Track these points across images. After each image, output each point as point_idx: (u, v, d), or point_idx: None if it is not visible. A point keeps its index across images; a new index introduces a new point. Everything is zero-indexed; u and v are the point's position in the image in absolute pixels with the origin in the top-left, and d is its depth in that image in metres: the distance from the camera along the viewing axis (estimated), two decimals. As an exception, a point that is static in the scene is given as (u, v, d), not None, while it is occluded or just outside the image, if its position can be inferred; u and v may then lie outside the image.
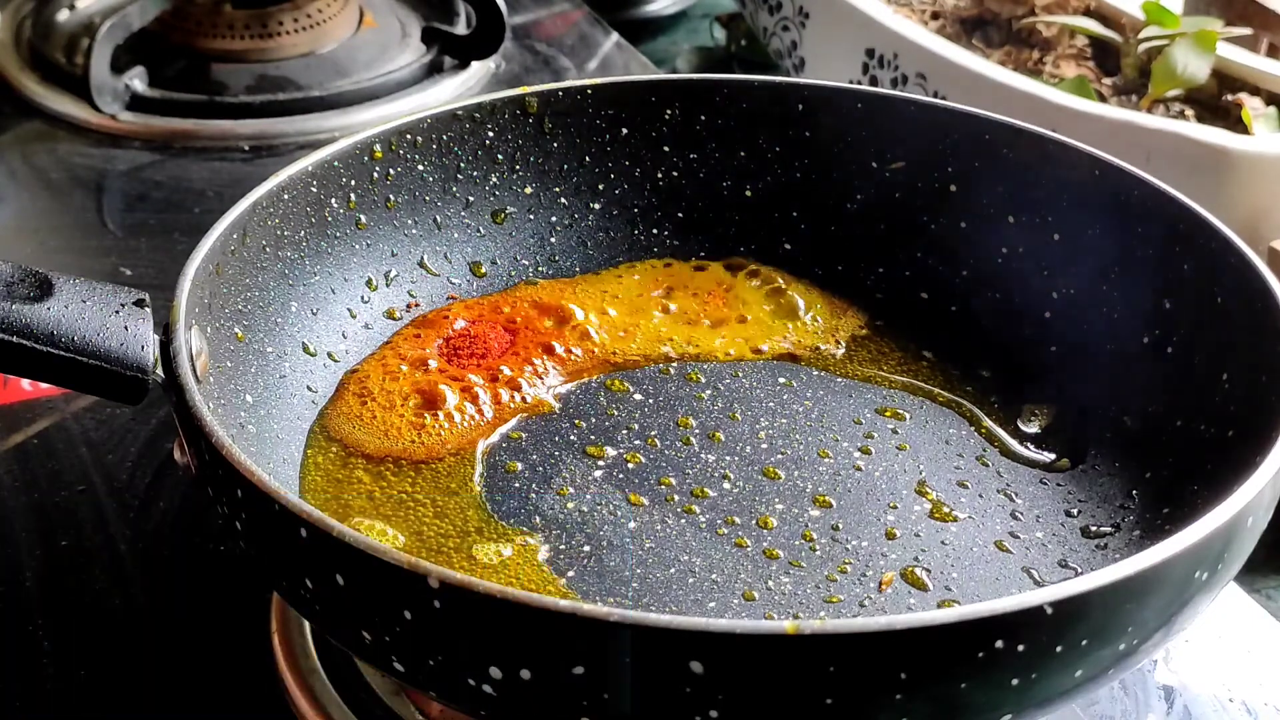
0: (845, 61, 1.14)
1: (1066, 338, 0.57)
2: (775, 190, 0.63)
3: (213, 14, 0.91)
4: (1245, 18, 1.08)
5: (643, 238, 0.63)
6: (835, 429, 0.54)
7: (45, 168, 0.84)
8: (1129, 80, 1.08)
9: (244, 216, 0.51)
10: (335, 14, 0.94)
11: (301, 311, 0.55)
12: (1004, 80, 0.99)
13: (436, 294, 0.59)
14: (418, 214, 0.59)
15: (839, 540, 0.49)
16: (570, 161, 0.62)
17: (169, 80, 0.89)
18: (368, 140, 0.57)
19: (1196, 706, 0.51)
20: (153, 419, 0.63)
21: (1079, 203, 0.57)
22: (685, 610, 0.46)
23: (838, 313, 0.60)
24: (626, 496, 0.51)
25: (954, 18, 1.19)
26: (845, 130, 0.61)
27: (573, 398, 0.56)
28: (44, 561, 0.55)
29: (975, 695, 0.36)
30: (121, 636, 0.53)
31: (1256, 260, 0.49)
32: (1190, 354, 0.52)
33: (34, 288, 0.45)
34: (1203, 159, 0.89)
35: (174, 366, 0.44)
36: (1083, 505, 0.51)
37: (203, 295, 0.48)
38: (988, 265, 0.59)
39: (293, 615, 0.51)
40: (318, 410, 0.54)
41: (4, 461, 0.61)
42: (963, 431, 0.54)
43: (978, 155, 0.59)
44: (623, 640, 0.35)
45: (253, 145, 0.87)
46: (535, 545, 0.48)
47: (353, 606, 0.38)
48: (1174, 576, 0.38)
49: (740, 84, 0.62)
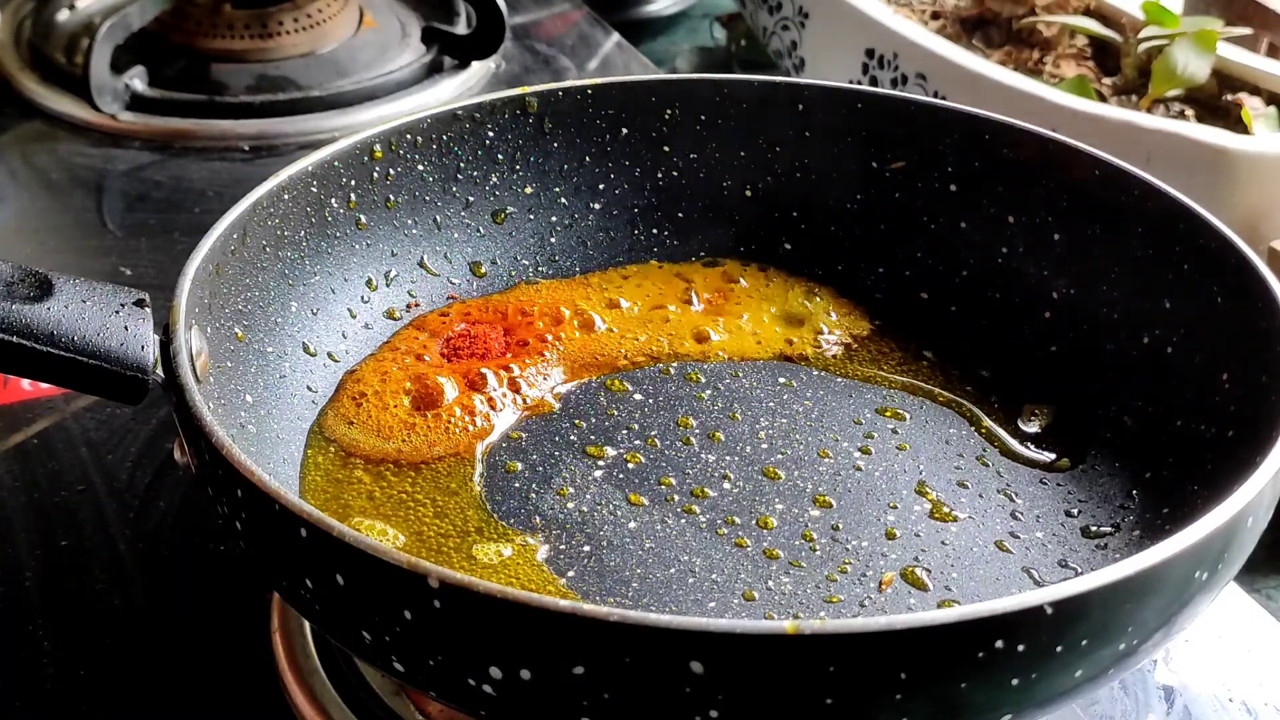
0: (845, 61, 1.14)
1: (1066, 338, 0.57)
2: (775, 190, 0.63)
3: (213, 14, 0.91)
4: (1245, 18, 1.08)
5: (643, 238, 0.63)
6: (835, 429, 0.54)
7: (45, 168, 0.84)
8: (1129, 80, 1.08)
9: (244, 216, 0.51)
10: (335, 14, 0.94)
11: (301, 311, 0.55)
12: (1004, 80, 0.99)
13: (436, 294, 0.59)
14: (418, 214, 0.59)
15: (839, 540, 0.49)
16: (570, 161, 0.62)
17: (169, 80, 0.89)
18: (368, 140, 0.57)
19: (1196, 706, 0.51)
20: (153, 419, 0.63)
21: (1079, 203, 0.57)
22: (685, 610, 0.46)
23: (838, 313, 0.60)
24: (626, 496, 0.51)
25: (954, 18, 1.19)
26: (845, 130, 0.61)
27: (573, 398, 0.56)
28: (44, 561, 0.55)
29: (975, 695, 0.36)
30: (121, 636, 0.53)
31: (1256, 260, 0.49)
32: (1190, 354, 0.52)
33: (34, 288, 0.45)
34: (1203, 159, 0.89)
35: (174, 366, 0.44)
36: (1083, 505, 0.51)
37: (203, 295, 0.48)
38: (988, 265, 0.59)
39: (293, 615, 0.51)
40: (318, 410, 0.54)
41: (4, 461, 0.61)
42: (963, 431, 0.54)
43: (978, 155, 0.59)
44: (623, 640, 0.35)
45: (253, 145, 0.87)
46: (535, 545, 0.48)
47: (353, 606, 0.38)
48: (1174, 576, 0.38)
49: (740, 84, 0.62)
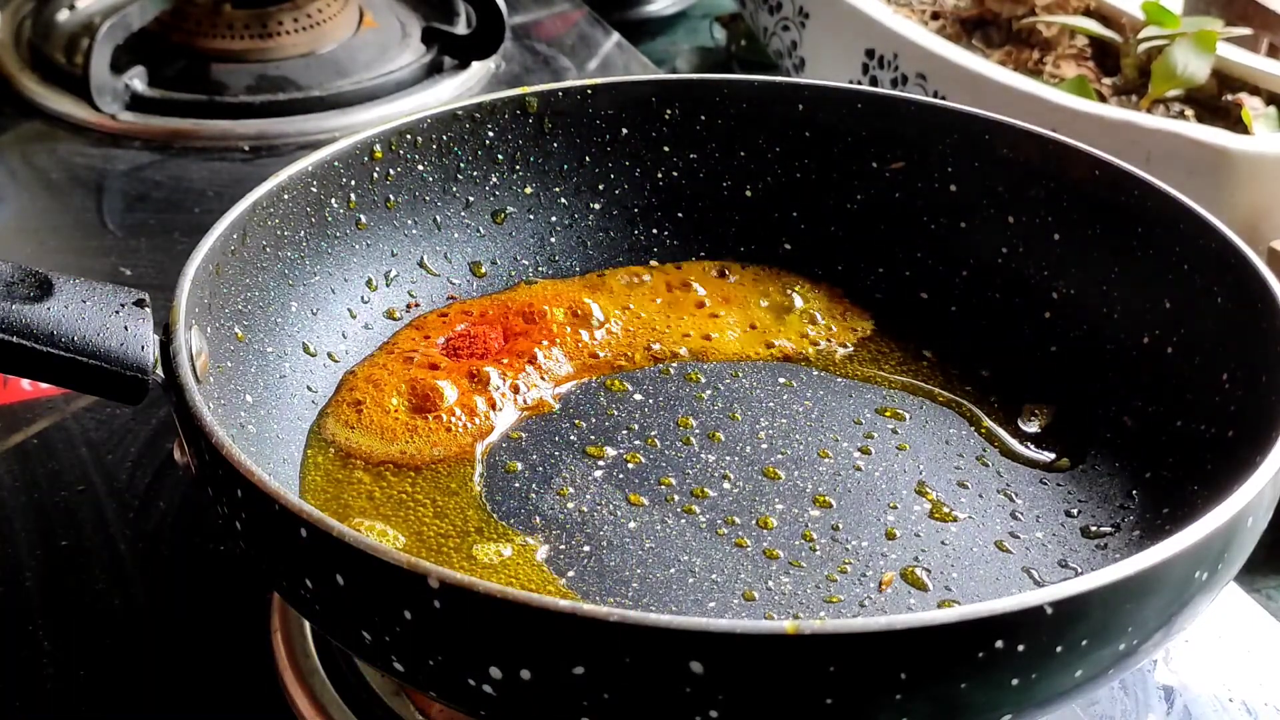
0: (845, 61, 1.14)
1: (1066, 338, 0.57)
2: (775, 190, 0.63)
3: (213, 14, 0.91)
4: (1245, 18, 1.08)
5: (643, 238, 0.63)
6: (835, 429, 0.54)
7: (45, 168, 0.84)
8: (1129, 80, 1.08)
9: (244, 216, 0.51)
10: (335, 14, 0.94)
11: (301, 311, 0.55)
12: (1004, 80, 0.99)
13: (436, 294, 0.59)
14: (418, 214, 0.59)
15: (839, 540, 0.49)
16: (570, 161, 0.62)
17: (169, 80, 0.89)
18: (368, 140, 0.57)
19: (1196, 706, 0.51)
20: (153, 419, 0.63)
21: (1079, 203, 0.57)
22: (685, 610, 0.46)
23: (838, 313, 0.60)
24: (626, 496, 0.51)
25: (954, 18, 1.19)
26: (845, 130, 0.61)
27: (573, 398, 0.56)
28: (44, 561, 0.55)
29: (975, 695, 0.36)
30: (121, 636, 0.53)
31: (1256, 260, 0.49)
32: (1190, 354, 0.52)
33: (34, 288, 0.45)
34: (1203, 159, 0.89)
35: (174, 366, 0.44)
36: (1083, 505, 0.51)
37: (203, 295, 0.48)
38: (988, 265, 0.59)
39: (293, 615, 0.51)
40: (318, 410, 0.54)
41: (4, 461, 0.61)
42: (963, 431, 0.54)
43: (978, 155, 0.59)
44: (623, 640, 0.35)
45: (253, 145, 0.87)
46: (535, 545, 0.48)
47: (353, 606, 0.38)
48: (1174, 576, 0.38)
49: (740, 84, 0.62)
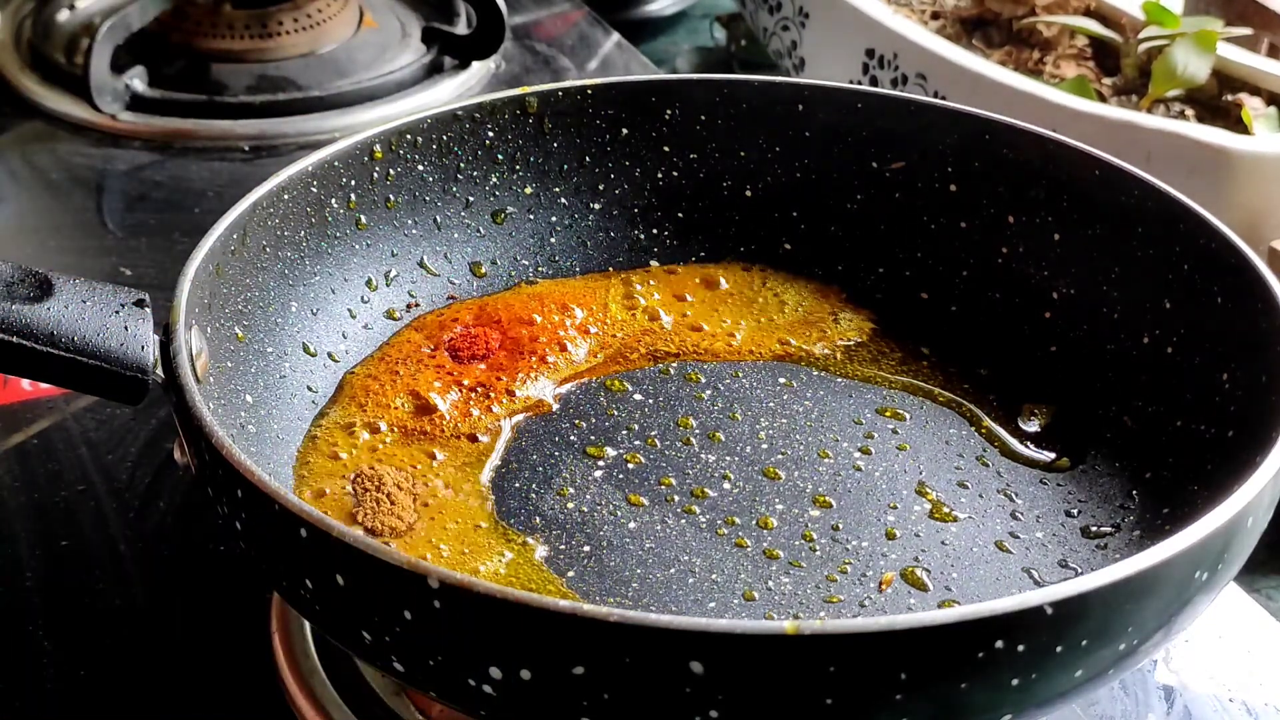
0: (845, 61, 1.14)
1: (1066, 338, 0.57)
2: (775, 190, 0.63)
3: (213, 14, 0.91)
4: (1245, 18, 1.08)
5: (643, 238, 0.63)
6: (835, 429, 0.54)
7: (45, 168, 0.84)
8: (1129, 80, 1.08)
9: (244, 216, 0.51)
10: (335, 14, 0.94)
11: (301, 311, 0.55)
12: (1004, 80, 0.99)
13: (436, 294, 0.59)
14: (418, 214, 0.59)
15: (839, 540, 0.49)
16: (570, 161, 0.62)
17: (169, 80, 0.89)
18: (368, 140, 0.57)
19: (1196, 706, 0.51)
20: (153, 419, 0.63)
21: (1079, 203, 0.57)
22: (685, 610, 0.46)
23: (838, 313, 0.60)
24: (626, 497, 0.51)
25: (954, 18, 1.19)
26: (845, 130, 0.61)
27: (573, 398, 0.56)
28: (44, 561, 0.55)
29: (975, 695, 0.36)
30: (121, 636, 0.53)
31: (1256, 260, 0.49)
32: (1190, 354, 0.52)
33: (34, 288, 0.45)
34: (1203, 159, 0.89)
35: (174, 366, 0.44)
36: (1083, 505, 0.51)
37: (203, 295, 0.48)
38: (988, 265, 0.59)
39: (293, 615, 0.51)
40: (318, 410, 0.54)
41: (4, 461, 0.61)
42: (963, 431, 0.54)
43: (978, 155, 0.59)
44: (623, 640, 0.35)
45: (253, 145, 0.86)
46: (535, 545, 0.48)
47: (353, 606, 0.38)
48: (1174, 576, 0.38)
49: (740, 84, 0.62)
